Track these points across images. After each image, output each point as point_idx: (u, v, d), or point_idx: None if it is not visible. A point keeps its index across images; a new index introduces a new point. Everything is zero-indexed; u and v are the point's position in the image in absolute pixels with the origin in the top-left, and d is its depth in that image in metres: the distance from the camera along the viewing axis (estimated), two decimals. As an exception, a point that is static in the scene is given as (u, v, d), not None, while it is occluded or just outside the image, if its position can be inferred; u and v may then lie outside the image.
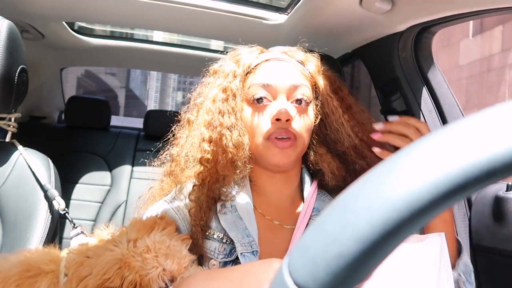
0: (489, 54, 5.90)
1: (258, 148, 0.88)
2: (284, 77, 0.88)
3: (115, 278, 0.66)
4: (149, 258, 0.68)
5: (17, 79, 1.13)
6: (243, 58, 0.92)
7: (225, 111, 0.87)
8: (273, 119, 0.85)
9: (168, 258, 0.70)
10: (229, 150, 0.84)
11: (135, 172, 2.28)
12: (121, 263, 0.67)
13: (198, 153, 0.87)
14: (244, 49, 0.96)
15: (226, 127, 0.86)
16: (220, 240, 0.85)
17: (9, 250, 1.04)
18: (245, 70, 0.90)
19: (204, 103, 0.91)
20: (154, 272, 0.68)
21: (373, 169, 0.25)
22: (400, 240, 0.22)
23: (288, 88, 0.87)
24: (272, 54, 0.93)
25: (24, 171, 1.16)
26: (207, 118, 0.88)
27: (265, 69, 0.90)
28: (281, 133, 0.85)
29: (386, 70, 1.25)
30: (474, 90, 6.11)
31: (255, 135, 0.87)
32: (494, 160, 0.20)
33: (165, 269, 0.69)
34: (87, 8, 1.45)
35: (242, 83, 0.90)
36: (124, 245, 0.71)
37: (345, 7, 1.13)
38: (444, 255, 0.61)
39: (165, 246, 0.71)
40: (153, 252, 0.69)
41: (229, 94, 0.88)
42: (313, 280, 0.23)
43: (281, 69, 0.90)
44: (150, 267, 0.68)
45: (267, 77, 0.88)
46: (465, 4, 0.94)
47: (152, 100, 44.98)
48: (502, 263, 1.00)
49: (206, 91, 0.93)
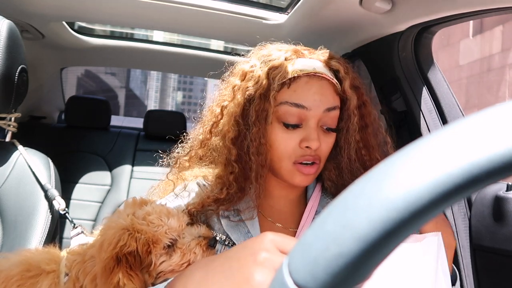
0: (489, 54, 5.90)
1: (281, 169, 0.85)
2: (321, 100, 0.82)
3: (131, 242, 0.69)
4: (153, 218, 0.72)
5: (17, 79, 1.13)
6: (279, 68, 0.83)
7: (255, 130, 0.82)
8: (303, 145, 0.82)
9: (169, 217, 0.73)
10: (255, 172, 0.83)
11: (135, 172, 2.28)
12: (130, 230, 0.71)
13: (225, 167, 0.84)
14: (277, 51, 0.87)
15: (255, 147, 0.82)
16: (222, 243, 0.84)
17: (9, 250, 1.04)
18: (280, 82, 0.82)
19: (229, 109, 0.86)
20: (160, 230, 0.72)
21: (373, 169, 0.25)
22: (400, 240, 0.22)
23: (322, 112, 0.83)
24: (310, 64, 0.84)
25: (24, 171, 1.16)
26: (234, 131, 0.83)
27: (301, 86, 0.82)
28: (309, 159, 0.83)
29: (386, 70, 1.25)
30: (474, 90, 6.11)
31: (281, 157, 0.84)
32: (494, 160, 0.20)
33: (169, 227, 0.73)
34: (87, 8, 1.45)
35: (275, 97, 0.82)
36: (124, 218, 0.74)
37: (345, 7, 1.13)
38: (440, 254, 0.61)
39: (164, 209, 0.75)
40: (154, 214, 0.73)
41: (260, 110, 0.82)
42: (313, 280, 0.23)
43: (319, 89, 0.83)
44: (155, 226, 0.72)
45: (303, 99, 0.81)
46: (465, 4, 0.94)
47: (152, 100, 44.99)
48: (502, 263, 1.00)
49: (231, 95, 0.87)
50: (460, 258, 1.08)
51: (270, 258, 0.50)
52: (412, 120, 1.21)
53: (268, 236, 0.53)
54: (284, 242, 0.52)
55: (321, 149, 0.84)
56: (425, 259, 0.59)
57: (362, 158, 0.89)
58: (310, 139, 0.81)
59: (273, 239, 0.53)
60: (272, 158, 0.85)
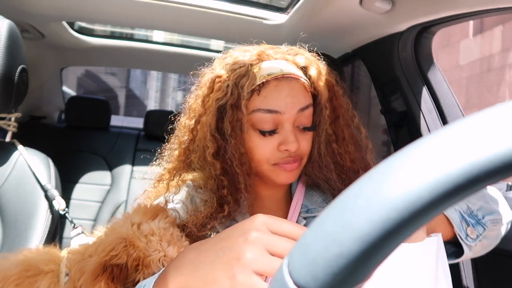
0: (489, 54, 5.90)
1: (263, 171, 0.85)
2: (293, 102, 0.81)
3: (122, 254, 0.67)
4: (154, 241, 0.70)
5: (17, 79, 1.13)
6: (247, 75, 0.82)
7: (233, 142, 0.81)
8: (282, 148, 0.82)
9: (170, 244, 0.71)
10: (243, 181, 0.82)
11: (135, 172, 2.28)
12: (126, 242, 0.69)
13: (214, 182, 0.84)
14: (242, 56, 0.86)
15: (238, 159, 0.82)
16: None
17: (9, 250, 1.04)
18: (249, 90, 0.81)
19: (202, 122, 0.85)
20: (156, 255, 0.69)
21: (373, 168, 0.25)
22: (400, 240, 0.22)
23: (295, 113, 0.82)
24: (277, 67, 0.83)
25: (24, 171, 1.16)
26: (213, 146, 0.82)
27: (272, 91, 0.81)
28: (289, 161, 0.83)
29: (386, 70, 1.25)
30: (474, 90, 6.11)
31: (261, 161, 0.84)
32: (495, 160, 0.20)
33: (166, 255, 0.70)
34: (87, 8, 1.45)
35: (247, 106, 0.81)
36: (128, 227, 0.72)
37: (345, 7, 1.13)
38: (441, 254, 0.61)
39: (169, 233, 0.72)
40: (157, 236, 0.71)
41: (234, 123, 0.81)
42: (313, 280, 0.23)
43: (289, 91, 0.82)
44: (153, 250, 0.70)
45: (275, 104, 0.80)
46: (465, 4, 0.94)
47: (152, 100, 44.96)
48: (502, 263, 1.00)
49: (201, 107, 0.86)
50: (460, 258, 1.08)
51: (261, 237, 0.51)
52: (412, 120, 1.21)
53: (260, 217, 0.54)
54: (275, 223, 0.53)
55: (300, 148, 0.83)
56: (425, 259, 0.59)
57: (332, 151, 0.88)
58: (288, 142, 0.81)
59: (264, 220, 0.54)
60: (252, 163, 0.85)
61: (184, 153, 0.90)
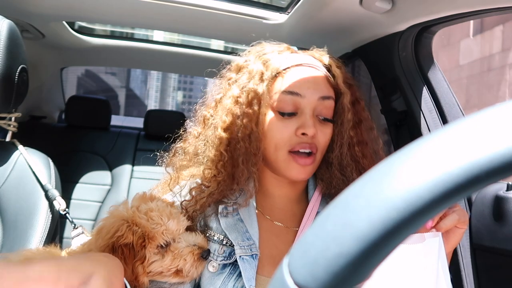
0: (489, 54, 5.90)
1: (277, 160, 0.85)
2: (315, 88, 0.84)
3: (128, 234, 0.70)
4: (154, 216, 0.73)
5: (17, 79, 1.13)
6: (272, 60, 0.86)
7: (246, 117, 0.83)
8: (299, 132, 0.82)
9: (170, 219, 0.74)
10: (244, 159, 0.83)
11: (135, 172, 2.28)
12: (129, 222, 0.72)
13: (214, 155, 0.85)
14: (270, 46, 0.91)
15: (247, 134, 0.83)
16: (220, 242, 0.84)
17: (9, 250, 1.04)
18: (273, 73, 0.84)
19: (223, 101, 0.87)
20: (158, 228, 0.72)
21: (373, 168, 0.25)
22: (400, 239, 0.22)
23: (316, 100, 0.84)
24: (303, 58, 0.87)
25: (24, 171, 1.16)
26: (226, 120, 0.84)
27: (295, 75, 0.85)
28: (305, 146, 0.83)
29: (386, 69, 1.25)
30: (474, 90, 6.11)
31: (277, 146, 0.84)
32: (495, 160, 0.20)
33: (167, 228, 0.73)
34: (88, 7, 1.45)
35: (268, 88, 0.84)
36: (127, 209, 0.75)
37: (345, 6, 1.12)
38: (441, 255, 0.61)
39: (167, 209, 0.76)
40: (156, 211, 0.74)
41: (253, 98, 0.83)
42: (313, 279, 0.23)
43: (312, 77, 0.85)
44: (155, 224, 0.73)
45: (297, 86, 0.83)
46: (465, 4, 0.94)
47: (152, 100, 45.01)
48: (502, 263, 1.00)
49: (226, 87, 0.89)
50: (460, 258, 1.08)
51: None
52: (412, 120, 1.21)
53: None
54: None
55: (318, 139, 0.84)
56: (427, 260, 0.59)
57: (355, 154, 0.89)
58: (306, 126, 0.82)
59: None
60: (267, 148, 0.85)
61: (203, 126, 0.91)
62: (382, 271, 0.25)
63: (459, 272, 1.09)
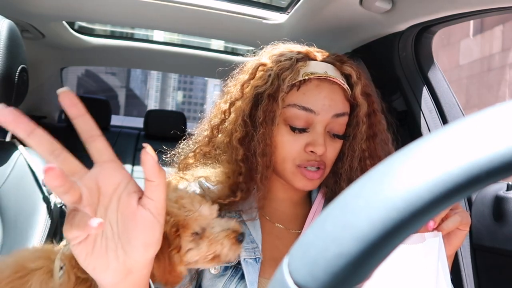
0: (489, 54, 5.90)
1: (285, 171, 0.84)
2: (330, 105, 0.80)
3: None
4: (185, 203, 0.70)
5: (17, 79, 1.13)
6: (289, 68, 0.81)
7: (262, 130, 0.80)
8: (308, 149, 0.80)
9: (201, 204, 0.71)
10: (260, 174, 0.81)
11: (135, 172, 2.28)
12: None
13: (230, 168, 0.83)
14: (289, 51, 0.85)
15: (262, 149, 0.81)
16: None
17: (9, 250, 1.04)
18: (289, 83, 0.80)
19: (236, 105, 0.85)
20: (191, 215, 0.70)
21: (373, 168, 0.25)
22: (400, 240, 0.22)
23: (330, 118, 0.81)
24: (322, 68, 0.82)
25: (24, 171, 1.16)
26: (241, 130, 0.82)
27: (311, 89, 0.81)
28: (314, 164, 0.81)
29: (387, 69, 1.25)
30: (474, 90, 6.11)
31: (285, 159, 0.82)
32: (495, 160, 0.20)
33: (200, 214, 0.70)
34: (88, 7, 1.45)
35: (283, 99, 0.81)
36: None
37: (345, 6, 1.13)
38: (441, 255, 0.61)
39: (198, 196, 0.73)
40: (187, 198, 0.71)
41: (269, 112, 0.80)
42: (313, 279, 0.23)
43: (329, 93, 0.81)
44: (187, 211, 0.70)
45: (312, 103, 0.80)
46: (465, 4, 0.94)
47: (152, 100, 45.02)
48: (502, 263, 1.00)
49: (238, 90, 0.86)
50: (460, 258, 1.08)
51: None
52: (412, 119, 1.21)
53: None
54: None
55: (326, 155, 0.82)
56: (427, 261, 0.59)
57: (366, 168, 0.86)
58: (316, 144, 0.79)
59: None
60: (275, 160, 0.84)
61: (212, 131, 0.90)
62: (382, 271, 0.25)
63: (459, 272, 1.09)
